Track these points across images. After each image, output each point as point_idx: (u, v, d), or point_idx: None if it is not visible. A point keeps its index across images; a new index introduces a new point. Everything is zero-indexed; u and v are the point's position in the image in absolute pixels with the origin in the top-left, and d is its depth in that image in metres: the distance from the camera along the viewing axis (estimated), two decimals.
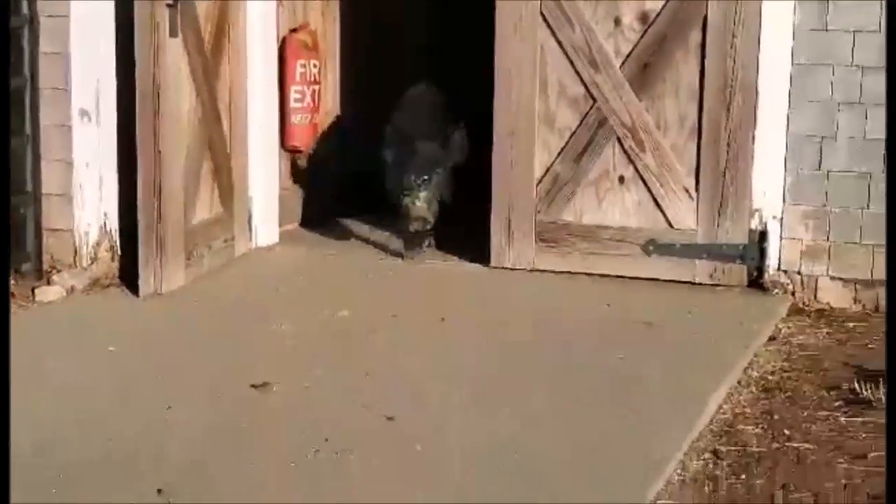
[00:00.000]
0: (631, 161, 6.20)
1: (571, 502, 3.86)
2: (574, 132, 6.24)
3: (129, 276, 6.00)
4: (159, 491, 3.89)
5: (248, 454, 4.20)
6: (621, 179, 6.23)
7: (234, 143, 6.52)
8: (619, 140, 6.19)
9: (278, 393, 4.72)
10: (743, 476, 4.09)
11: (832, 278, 5.99)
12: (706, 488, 4.00)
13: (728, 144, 6.04)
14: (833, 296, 5.99)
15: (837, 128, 5.90)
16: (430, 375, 4.93)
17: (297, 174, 7.33)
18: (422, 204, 6.24)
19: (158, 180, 5.83)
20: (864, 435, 4.42)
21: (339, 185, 7.44)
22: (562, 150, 6.27)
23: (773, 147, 5.99)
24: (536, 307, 5.87)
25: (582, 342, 5.34)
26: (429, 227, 6.34)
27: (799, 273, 6.03)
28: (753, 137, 6.00)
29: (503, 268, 6.33)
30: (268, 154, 6.87)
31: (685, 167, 6.14)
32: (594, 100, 6.20)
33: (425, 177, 6.27)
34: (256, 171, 6.74)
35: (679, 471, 4.10)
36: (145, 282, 5.82)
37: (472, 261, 6.43)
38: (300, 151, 7.39)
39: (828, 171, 5.94)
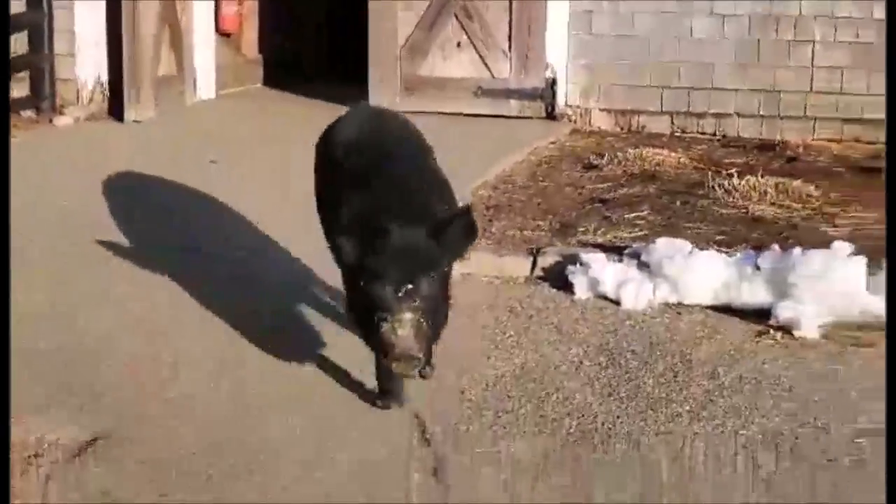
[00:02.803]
0: (465, 30, 8.91)
1: None
2: (426, 10, 8.94)
3: (114, 113, 8.63)
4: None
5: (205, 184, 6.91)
6: (458, 44, 8.95)
7: (184, 25, 9.15)
8: (456, 15, 8.90)
9: (222, 165, 7.39)
10: (507, 194, 6.86)
11: (600, 110, 8.77)
12: (485, 199, 6.76)
13: (529, 17, 8.77)
14: (601, 122, 8.78)
15: (604, 5, 8.65)
16: None
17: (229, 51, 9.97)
18: (407, 332, 3.94)
19: (135, 43, 8.45)
20: (586, 180, 7.21)
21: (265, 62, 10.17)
22: (417, 23, 8.96)
23: (560, 18, 8.73)
24: None
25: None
26: (419, 367, 4.09)
27: (579, 107, 8.81)
28: (546, 12, 8.73)
29: None
30: (207, 35, 9.51)
31: (501, 34, 8.87)
32: None
33: (409, 286, 3.97)
34: (199, 46, 9.38)
35: (472, 193, 6.85)
36: (128, 112, 8.47)
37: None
38: (230, 35, 10.04)
39: (596, 35, 8.69)
